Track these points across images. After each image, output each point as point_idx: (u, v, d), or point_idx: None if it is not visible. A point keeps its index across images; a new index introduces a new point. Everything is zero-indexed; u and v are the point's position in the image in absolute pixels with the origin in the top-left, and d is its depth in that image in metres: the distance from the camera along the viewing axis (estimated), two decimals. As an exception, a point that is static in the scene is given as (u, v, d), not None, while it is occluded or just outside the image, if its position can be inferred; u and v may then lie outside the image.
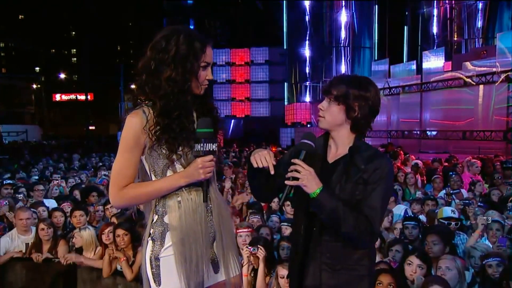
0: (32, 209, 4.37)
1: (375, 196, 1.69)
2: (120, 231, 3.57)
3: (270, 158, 1.71)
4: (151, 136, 1.61)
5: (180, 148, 1.64)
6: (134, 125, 1.62)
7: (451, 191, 5.23)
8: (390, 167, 1.79)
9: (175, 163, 1.66)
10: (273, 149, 13.40)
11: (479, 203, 4.45)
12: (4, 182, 6.27)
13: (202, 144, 1.61)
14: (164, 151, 1.63)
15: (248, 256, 3.09)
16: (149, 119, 1.62)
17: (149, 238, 1.71)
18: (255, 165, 1.72)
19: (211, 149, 1.63)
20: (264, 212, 4.77)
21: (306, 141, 1.74)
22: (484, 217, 3.54)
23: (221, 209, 1.76)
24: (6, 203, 4.79)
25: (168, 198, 1.68)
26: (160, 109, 1.61)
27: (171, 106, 1.61)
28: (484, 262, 2.86)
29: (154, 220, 1.71)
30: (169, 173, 1.67)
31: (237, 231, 3.32)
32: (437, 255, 3.01)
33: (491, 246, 3.36)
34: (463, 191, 5.49)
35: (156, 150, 1.64)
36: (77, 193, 5.84)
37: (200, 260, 1.66)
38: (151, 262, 1.69)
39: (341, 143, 1.79)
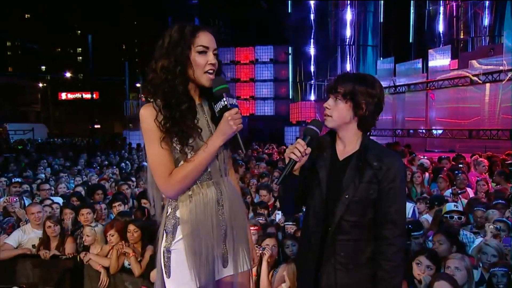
0: (45, 203, 4.44)
1: (397, 197, 1.72)
2: (131, 227, 3.64)
3: (301, 145, 1.70)
4: (161, 129, 1.63)
5: (191, 140, 1.65)
6: (148, 115, 1.64)
7: (458, 191, 5.18)
8: (402, 164, 1.80)
9: (188, 155, 1.67)
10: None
11: (494, 201, 4.36)
12: (13, 180, 6.33)
13: (224, 99, 1.64)
14: (175, 145, 1.65)
15: (258, 255, 3.08)
16: (158, 112, 1.64)
17: (164, 230, 1.74)
18: (296, 159, 1.69)
19: (234, 103, 1.66)
20: (269, 210, 4.78)
21: (312, 126, 1.75)
22: (492, 225, 3.48)
23: (233, 203, 1.76)
24: (17, 199, 4.87)
25: None
26: (161, 101, 1.64)
27: (166, 93, 1.64)
28: (490, 271, 2.79)
29: (168, 213, 1.74)
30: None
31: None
32: (443, 254, 2.97)
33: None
34: (470, 190, 5.45)
35: (167, 144, 1.65)
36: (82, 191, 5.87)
37: (210, 253, 1.68)
38: (163, 254, 1.72)
39: (349, 141, 1.79)
